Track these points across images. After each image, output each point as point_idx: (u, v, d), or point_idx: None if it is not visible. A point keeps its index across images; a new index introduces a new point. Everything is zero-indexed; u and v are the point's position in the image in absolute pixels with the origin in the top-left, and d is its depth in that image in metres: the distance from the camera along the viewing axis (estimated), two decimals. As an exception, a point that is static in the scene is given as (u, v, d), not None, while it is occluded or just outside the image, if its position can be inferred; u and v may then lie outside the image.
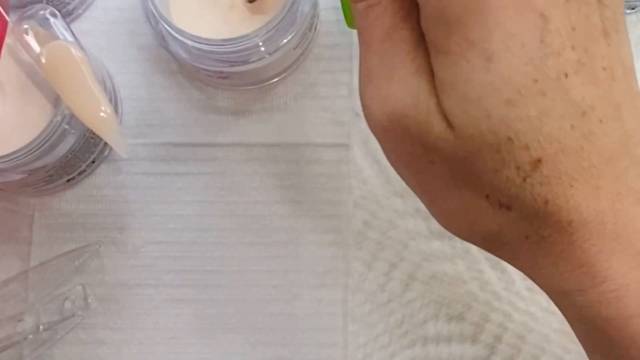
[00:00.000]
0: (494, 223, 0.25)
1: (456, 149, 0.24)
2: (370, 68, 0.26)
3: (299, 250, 0.43)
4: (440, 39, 0.24)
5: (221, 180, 0.44)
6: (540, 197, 0.23)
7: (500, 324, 0.42)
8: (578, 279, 0.24)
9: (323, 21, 0.45)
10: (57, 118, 0.38)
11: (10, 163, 0.37)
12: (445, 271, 0.42)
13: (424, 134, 0.24)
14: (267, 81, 0.44)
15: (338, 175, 0.43)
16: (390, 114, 0.25)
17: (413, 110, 0.24)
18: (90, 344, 0.43)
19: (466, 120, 0.23)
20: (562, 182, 0.23)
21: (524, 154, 0.23)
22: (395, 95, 0.25)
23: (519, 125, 0.23)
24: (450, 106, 0.23)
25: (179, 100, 0.44)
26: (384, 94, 0.25)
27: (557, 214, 0.23)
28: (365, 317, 0.42)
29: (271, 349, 0.42)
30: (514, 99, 0.22)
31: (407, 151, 0.25)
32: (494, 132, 0.23)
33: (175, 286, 0.43)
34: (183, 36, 0.38)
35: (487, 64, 0.22)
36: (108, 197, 0.44)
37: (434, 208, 0.27)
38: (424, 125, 0.24)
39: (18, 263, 0.43)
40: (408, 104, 0.24)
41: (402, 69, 0.25)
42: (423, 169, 0.25)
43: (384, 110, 0.25)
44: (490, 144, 0.23)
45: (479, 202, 0.24)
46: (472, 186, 0.24)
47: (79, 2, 0.45)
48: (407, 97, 0.24)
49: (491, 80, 0.22)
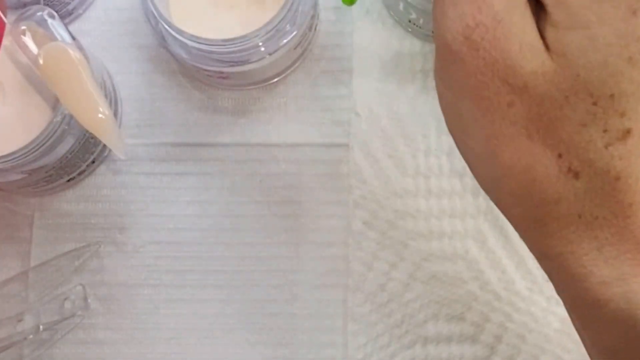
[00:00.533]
0: (554, 191, 0.23)
1: (551, 86, 0.22)
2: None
3: (299, 250, 0.43)
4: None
5: (221, 180, 0.44)
6: (614, 171, 0.22)
7: (500, 324, 0.42)
8: (622, 266, 0.23)
9: (323, 21, 0.45)
10: (57, 118, 0.38)
11: (10, 163, 0.37)
12: (445, 271, 0.42)
13: (514, 67, 0.22)
14: (267, 81, 0.44)
15: (338, 175, 0.43)
16: (470, 36, 0.22)
17: (507, 35, 0.22)
18: (90, 344, 0.43)
19: (580, 57, 0.21)
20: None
21: (617, 119, 0.22)
22: (478, 18, 0.22)
23: (628, 86, 0.21)
24: (564, 37, 0.21)
25: (179, 100, 0.44)
26: (467, 12, 0.22)
27: (623, 194, 0.22)
28: (365, 317, 0.42)
29: (271, 349, 0.42)
30: (637, 59, 0.21)
31: (482, 86, 0.22)
32: (602, 82, 0.21)
33: (175, 286, 0.43)
34: (183, 36, 0.38)
35: (631, 17, 0.21)
36: (108, 197, 0.44)
37: (491, 159, 0.23)
38: (517, 56, 0.22)
39: (18, 263, 0.43)
40: (493, 25, 0.22)
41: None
42: (494, 110, 0.22)
43: (465, 29, 0.22)
44: (590, 93, 0.21)
45: (548, 161, 0.22)
46: (549, 139, 0.22)
47: (79, 2, 0.45)
48: (491, 17, 0.21)
49: (628, 31, 0.21)
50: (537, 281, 0.42)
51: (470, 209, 0.43)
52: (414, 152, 0.43)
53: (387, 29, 0.45)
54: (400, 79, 0.44)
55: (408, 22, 0.43)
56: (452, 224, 0.43)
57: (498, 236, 0.42)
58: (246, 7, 0.41)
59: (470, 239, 0.43)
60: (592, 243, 0.23)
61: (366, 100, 0.44)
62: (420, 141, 0.43)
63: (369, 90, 0.44)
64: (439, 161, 0.43)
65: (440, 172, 0.43)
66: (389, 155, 0.43)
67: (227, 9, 0.41)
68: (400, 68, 0.44)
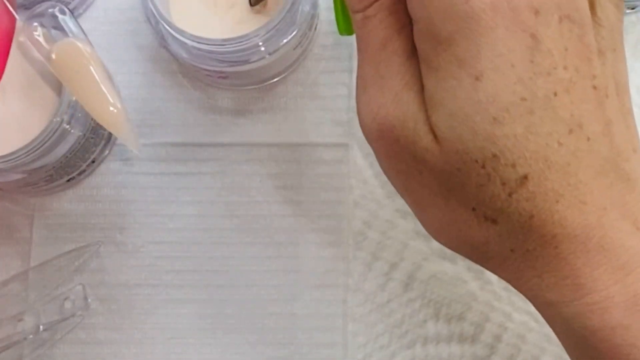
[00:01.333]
0: (480, 235, 0.25)
1: (442, 163, 0.24)
2: (365, 77, 0.26)
3: (299, 250, 0.43)
4: (431, 55, 0.24)
5: (221, 180, 0.44)
6: (525, 212, 0.24)
7: (500, 324, 0.42)
8: (563, 291, 0.25)
9: (323, 21, 0.45)
10: (57, 118, 0.38)
11: (10, 163, 0.37)
12: (445, 271, 0.42)
13: (412, 145, 0.25)
14: (267, 81, 0.44)
15: (338, 175, 0.43)
16: (381, 124, 0.25)
17: (402, 122, 0.25)
18: (90, 344, 0.43)
19: (452, 135, 0.23)
20: (548, 197, 0.23)
21: (510, 171, 0.23)
22: (386, 107, 0.25)
23: (505, 142, 0.23)
24: (438, 121, 0.24)
25: (179, 100, 0.44)
26: (376, 103, 0.26)
27: (542, 228, 0.24)
28: (365, 317, 0.42)
29: (271, 349, 0.42)
30: (501, 117, 0.23)
31: (397, 160, 0.26)
32: (480, 148, 0.23)
33: (175, 286, 0.43)
34: (183, 36, 0.38)
35: (476, 83, 0.23)
36: (108, 197, 0.44)
37: (423, 217, 0.27)
38: (412, 137, 0.25)
39: (18, 263, 0.43)
40: (398, 115, 0.25)
41: (394, 81, 0.25)
42: (412, 179, 0.26)
43: (375, 120, 0.26)
44: (475, 160, 0.23)
45: (466, 214, 0.25)
46: (459, 198, 0.25)
47: (79, 2, 0.45)
48: (397, 109, 0.25)
49: (479, 98, 0.23)
50: (537, 281, 0.42)
51: (470, 209, 0.43)
52: (414, 152, 0.43)
53: (387, 29, 0.45)
54: (400, 79, 0.44)
55: (408, 22, 0.43)
56: (452, 224, 0.43)
57: (498, 236, 0.42)
58: (246, 7, 0.41)
59: (470, 239, 0.43)
60: (532, 271, 0.25)
61: (366, 100, 0.44)
62: (420, 141, 0.43)
63: (369, 90, 0.44)
64: (439, 161, 0.43)
65: (440, 172, 0.43)
66: (389, 155, 0.43)
67: (227, 9, 0.41)
68: (400, 68, 0.44)
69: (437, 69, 0.24)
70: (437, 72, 0.24)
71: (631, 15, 0.45)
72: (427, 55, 0.24)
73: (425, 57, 0.24)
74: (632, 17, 0.45)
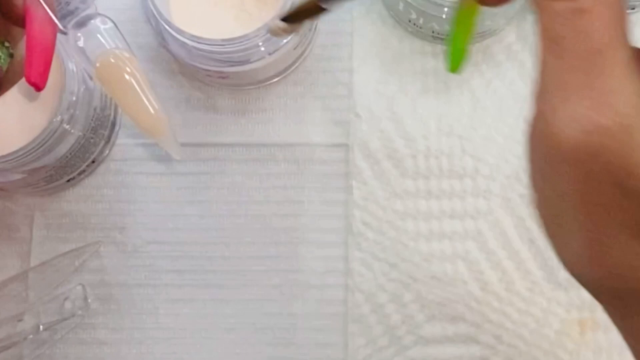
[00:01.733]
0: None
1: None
2: (568, 84, 0.21)
3: (299, 250, 0.43)
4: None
5: (221, 180, 0.44)
6: None
7: (500, 324, 0.42)
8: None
9: (323, 21, 0.45)
10: (57, 118, 0.38)
11: (11, 163, 0.37)
12: (445, 271, 0.42)
13: (633, 173, 0.20)
14: (267, 81, 0.44)
15: (338, 175, 0.43)
16: (589, 140, 0.20)
17: (624, 139, 0.20)
18: (90, 344, 0.43)
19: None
20: None
21: None
22: (602, 121, 0.20)
23: None
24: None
25: (179, 100, 0.44)
26: (586, 114, 0.20)
27: None
28: (365, 318, 0.42)
29: (271, 349, 0.42)
30: None
31: (591, 189, 0.21)
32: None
33: (175, 286, 0.43)
34: (183, 36, 0.38)
35: None
36: (108, 197, 0.44)
37: (593, 260, 0.22)
38: (637, 162, 0.20)
39: (18, 263, 0.43)
40: (619, 130, 0.20)
41: (617, 92, 0.20)
42: (602, 213, 0.21)
43: (583, 132, 0.20)
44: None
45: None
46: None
47: (79, 2, 0.45)
48: (618, 122, 0.20)
49: None
50: (537, 282, 0.42)
51: (470, 210, 0.43)
52: (414, 153, 0.43)
53: (387, 29, 0.45)
54: (400, 80, 0.44)
55: (408, 22, 0.43)
56: (452, 225, 0.43)
57: (498, 237, 0.42)
58: (246, 7, 0.41)
59: (470, 239, 0.43)
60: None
61: (366, 100, 0.44)
62: (420, 142, 0.43)
63: (369, 90, 0.44)
64: (439, 162, 0.43)
65: (440, 173, 0.43)
66: (388, 156, 0.43)
67: (227, 9, 0.41)
68: (400, 68, 0.44)
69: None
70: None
71: (631, 15, 0.45)
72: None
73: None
74: (632, 17, 0.45)
